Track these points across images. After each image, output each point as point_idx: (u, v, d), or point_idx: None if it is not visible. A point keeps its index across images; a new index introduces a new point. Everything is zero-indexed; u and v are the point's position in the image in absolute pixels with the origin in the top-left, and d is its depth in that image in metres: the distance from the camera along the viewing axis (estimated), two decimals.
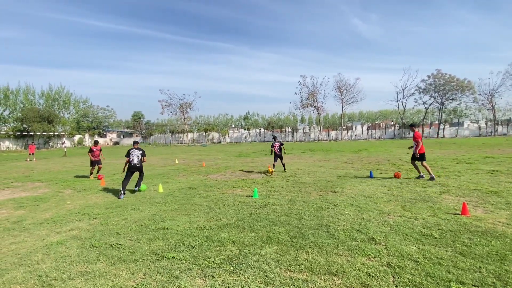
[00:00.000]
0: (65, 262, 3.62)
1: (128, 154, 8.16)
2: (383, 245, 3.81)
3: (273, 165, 11.10)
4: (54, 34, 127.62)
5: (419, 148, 8.50)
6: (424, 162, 8.49)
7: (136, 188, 8.33)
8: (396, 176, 8.95)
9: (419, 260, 3.33)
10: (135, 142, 8.64)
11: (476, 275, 2.94)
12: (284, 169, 11.44)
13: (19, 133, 43.17)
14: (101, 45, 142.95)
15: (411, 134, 54.13)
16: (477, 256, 3.38)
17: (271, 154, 11.31)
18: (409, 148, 8.95)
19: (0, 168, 17.45)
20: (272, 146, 11.24)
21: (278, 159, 11.18)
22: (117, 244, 4.18)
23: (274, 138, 11.67)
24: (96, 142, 12.27)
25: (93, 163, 11.88)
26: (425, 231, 4.26)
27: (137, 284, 3.03)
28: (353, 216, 5.13)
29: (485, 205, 5.51)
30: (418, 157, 8.55)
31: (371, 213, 5.27)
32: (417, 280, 2.89)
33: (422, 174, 8.65)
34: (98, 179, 11.05)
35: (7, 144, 43.99)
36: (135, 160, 8.14)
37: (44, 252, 4.00)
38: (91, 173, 11.92)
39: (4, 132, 43.56)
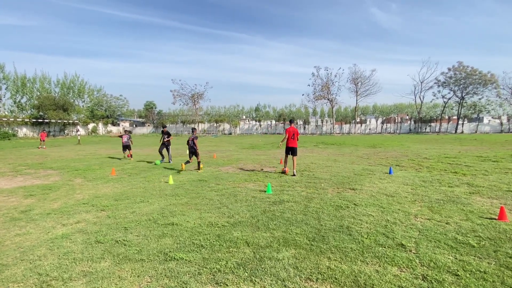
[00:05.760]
0: (68, 259, 3.38)
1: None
2: (414, 253, 3.41)
3: (188, 162, 10.17)
4: (67, 22, 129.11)
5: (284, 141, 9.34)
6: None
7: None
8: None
9: (459, 274, 2.92)
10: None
11: None
12: (199, 168, 10.10)
13: (35, 120, 44.08)
14: (114, 34, 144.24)
15: (427, 129, 52.82)
16: None
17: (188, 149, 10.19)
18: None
19: (16, 154, 17.72)
20: (187, 142, 10.07)
21: (193, 155, 10.10)
22: (124, 240, 3.93)
23: (193, 130, 10.52)
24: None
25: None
26: (460, 238, 3.82)
27: None
28: (377, 218, 4.72)
29: None
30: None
31: (396, 215, 4.85)
32: None
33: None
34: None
35: (24, 131, 45.04)
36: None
37: (47, 247, 3.78)
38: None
39: (21, 119, 44.53)
